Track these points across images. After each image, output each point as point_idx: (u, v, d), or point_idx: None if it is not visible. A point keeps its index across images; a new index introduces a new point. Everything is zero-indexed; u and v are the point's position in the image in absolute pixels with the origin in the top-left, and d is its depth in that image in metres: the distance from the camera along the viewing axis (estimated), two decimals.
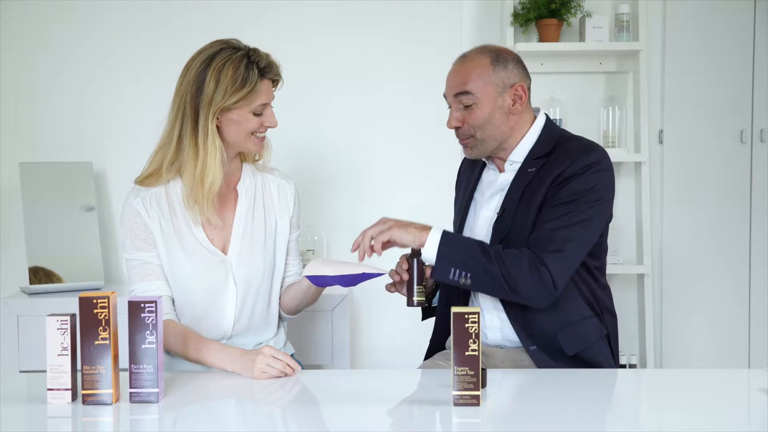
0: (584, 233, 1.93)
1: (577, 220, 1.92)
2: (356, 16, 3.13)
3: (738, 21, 3.15)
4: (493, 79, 1.99)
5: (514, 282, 1.87)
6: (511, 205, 2.00)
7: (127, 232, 1.98)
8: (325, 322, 2.80)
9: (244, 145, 1.97)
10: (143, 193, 1.98)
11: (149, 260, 1.97)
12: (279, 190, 2.09)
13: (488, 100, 1.99)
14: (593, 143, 2.03)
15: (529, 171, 2.00)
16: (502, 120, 2.01)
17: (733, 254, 3.20)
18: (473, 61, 2.01)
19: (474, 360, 1.54)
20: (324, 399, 1.70)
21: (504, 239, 1.98)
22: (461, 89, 1.99)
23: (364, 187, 3.18)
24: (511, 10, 3.07)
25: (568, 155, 1.96)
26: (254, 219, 2.03)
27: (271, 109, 1.97)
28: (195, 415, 1.61)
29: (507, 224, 1.99)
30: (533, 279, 1.87)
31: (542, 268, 1.87)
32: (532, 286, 1.87)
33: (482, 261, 1.87)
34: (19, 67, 3.08)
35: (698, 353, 3.20)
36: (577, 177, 1.93)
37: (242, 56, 1.90)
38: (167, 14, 3.09)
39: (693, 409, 1.60)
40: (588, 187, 1.93)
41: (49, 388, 1.60)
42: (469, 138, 2.02)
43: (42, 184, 2.92)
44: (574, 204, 1.92)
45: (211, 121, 1.90)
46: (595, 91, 3.19)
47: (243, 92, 1.89)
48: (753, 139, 3.17)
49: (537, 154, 2.01)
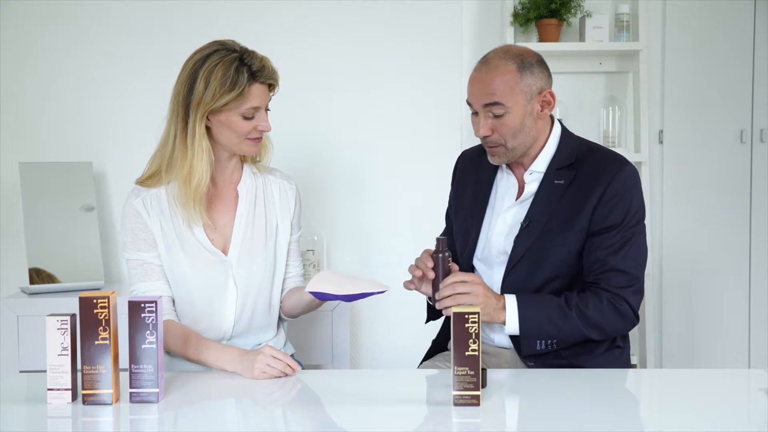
0: (644, 253, 2.00)
1: (638, 243, 1.97)
2: (356, 16, 3.13)
3: (738, 21, 3.14)
4: (522, 87, 1.94)
5: (599, 328, 1.93)
6: (539, 218, 1.97)
7: (128, 233, 1.98)
8: (325, 322, 2.80)
9: (238, 148, 1.96)
10: (144, 194, 1.98)
11: (149, 260, 1.97)
12: (280, 191, 2.09)
13: (518, 108, 1.94)
14: (618, 154, 2.03)
15: (557, 183, 1.98)
16: (532, 126, 1.98)
17: (733, 254, 3.20)
18: (498, 69, 1.94)
19: (474, 360, 1.54)
20: (324, 399, 1.70)
21: (527, 252, 1.97)
22: (490, 100, 1.93)
23: (364, 187, 3.17)
24: (511, 10, 3.06)
25: (605, 171, 1.96)
26: (255, 220, 2.03)
27: (264, 113, 1.94)
28: (195, 415, 1.61)
29: (532, 236, 1.97)
30: (616, 318, 1.94)
31: (623, 307, 1.94)
32: (616, 325, 1.95)
33: (564, 326, 1.91)
34: (19, 67, 3.08)
35: (698, 353, 3.20)
36: (623, 195, 1.95)
37: (235, 58, 1.89)
38: (167, 14, 3.09)
39: (693, 409, 1.60)
40: (637, 206, 1.97)
41: (49, 388, 1.60)
42: (498, 146, 1.98)
43: (42, 184, 2.92)
44: (630, 229, 1.96)
45: (199, 122, 1.89)
46: (595, 91, 3.19)
47: (232, 95, 1.87)
48: (753, 139, 3.17)
49: (560, 164, 1.99)
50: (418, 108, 3.14)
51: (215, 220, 2.00)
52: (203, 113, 1.89)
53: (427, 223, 2.97)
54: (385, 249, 3.17)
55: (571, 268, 1.99)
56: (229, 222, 2.01)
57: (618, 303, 1.93)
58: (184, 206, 1.93)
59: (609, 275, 1.94)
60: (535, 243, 1.97)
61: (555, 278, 1.98)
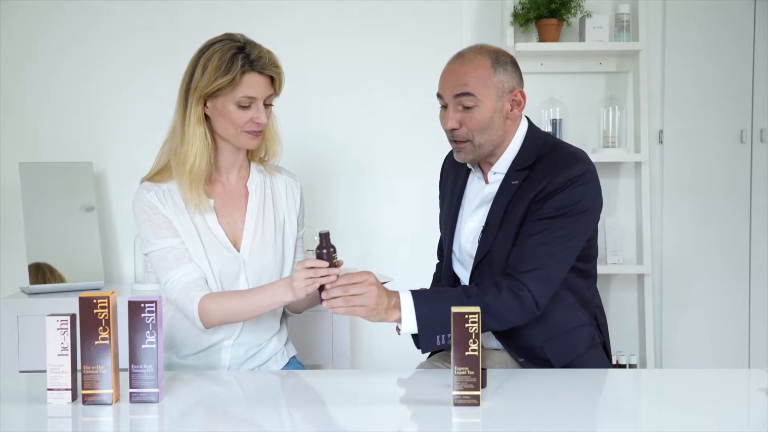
0: (566, 246, 1.90)
1: (559, 235, 1.89)
2: (356, 16, 3.13)
3: (738, 21, 3.15)
4: (494, 81, 1.94)
5: (500, 317, 1.86)
6: (495, 219, 1.96)
7: (147, 225, 1.96)
8: (325, 322, 2.80)
9: (236, 140, 1.96)
10: (155, 188, 1.98)
11: (177, 246, 1.95)
12: (287, 188, 2.10)
13: (489, 103, 1.93)
14: (577, 152, 1.97)
15: (513, 183, 1.96)
16: (500, 125, 1.96)
17: (733, 254, 3.20)
18: (473, 62, 1.94)
19: (474, 360, 1.54)
20: (324, 399, 1.70)
21: (488, 254, 1.96)
22: (462, 90, 1.92)
23: (365, 187, 3.18)
24: (511, 10, 3.07)
25: (550, 169, 1.92)
26: (264, 216, 2.04)
27: (261, 105, 1.94)
28: (195, 415, 1.61)
29: (490, 238, 1.96)
30: (516, 305, 1.86)
31: (522, 293, 1.86)
32: (515, 313, 1.87)
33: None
34: (19, 67, 3.08)
35: (698, 353, 3.20)
36: (559, 192, 1.89)
37: (235, 47, 1.91)
38: (167, 14, 3.09)
39: (693, 409, 1.60)
40: (572, 201, 1.90)
41: (49, 388, 1.60)
42: (465, 142, 1.96)
43: (42, 184, 2.92)
44: (557, 220, 1.89)
45: (195, 106, 1.92)
46: (595, 91, 3.19)
47: (225, 79, 1.88)
48: (753, 139, 3.17)
49: (520, 165, 1.97)
50: (418, 107, 3.14)
51: (226, 216, 2.00)
52: (198, 97, 1.91)
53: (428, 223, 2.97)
54: (386, 248, 3.17)
55: None
56: (240, 218, 2.01)
57: (517, 288, 1.86)
58: (184, 191, 1.94)
59: (515, 259, 1.90)
60: (495, 245, 1.95)
61: None
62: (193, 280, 1.92)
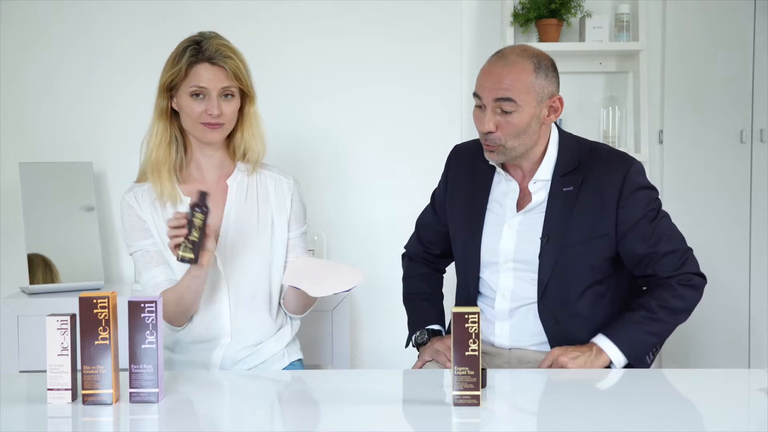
0: (674, 226, 2.03)
1: (668, 222, 2.01)
2: (356, 16, 3.13)
3: (738, 21, 3.14)
4: (535, 87, 1.91)
5: (687, 311, 2.00)
6: (556, 232, 1.95)
7: (127, 227, 2.02)
8: (325, 322, 2.80)
9: (195, 133, 2.01)
10: (136, 189, 2.04)
11: (147, 248, 2.00)
12: (275, 186, 2.09)
13: (528, 109, 1.91)
14: (619, 151, 2.07)
15: (567, 191, 1.96)
16: (535, 130, 1.94)
17: (733, 254, 3.20)
18: (516, 65, 1.90)
19: (474, 360, 1.54)
20: (324, 399, 1.70)
21: (554, 268, 1.95)
22: (503, 95, 1.89)
23: (364, 187, 3.17)
24: (511, 10, 3.06)
25: (614, 170, 1.97)
26: (245, 214, 2.04)
27: (215, 97, 1.96)
28: (195, 415, 1.61)
29: (555, 251, 1.95)
30: (694, 294, 2.00)
31: (692, 281, 1.99)
32: (696, 298, 2.01)
33: (659, 329, 1.96)
34: (18, 67, 3.08)
35: (698, 353, 3.20)
36: (639, 189, 1.97)
37: (191, 40, 1.99)
38: (166, 14, 3.08)
39: (693, 409, 1.60)
40: (654, 193, 2.01)
41: (49, 388, 1.60)
42: (498, 146, 1.94)
43: (42, 184, 2.92)
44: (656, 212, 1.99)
45: (159, 99, 2.01)
46: (595, 91, 3.19)
47: (175, 69, 1.97)
48: (753, 139, 3.17)
49: (564, 170, 1.98)
50: (418, 107, 3.14)
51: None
52: (160, 91, 2.00)
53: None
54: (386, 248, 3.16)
55: (604, 273, 1.99)
56: (218, 215, 2.02)
57: (687, 280, 1.98)
58: (152, 183, 2.00)
59: (663, 263, 1.96)
60: (561, 258, 1.95)
61: (590, 286, 1.98)
62: (160, 283, 1.98)
